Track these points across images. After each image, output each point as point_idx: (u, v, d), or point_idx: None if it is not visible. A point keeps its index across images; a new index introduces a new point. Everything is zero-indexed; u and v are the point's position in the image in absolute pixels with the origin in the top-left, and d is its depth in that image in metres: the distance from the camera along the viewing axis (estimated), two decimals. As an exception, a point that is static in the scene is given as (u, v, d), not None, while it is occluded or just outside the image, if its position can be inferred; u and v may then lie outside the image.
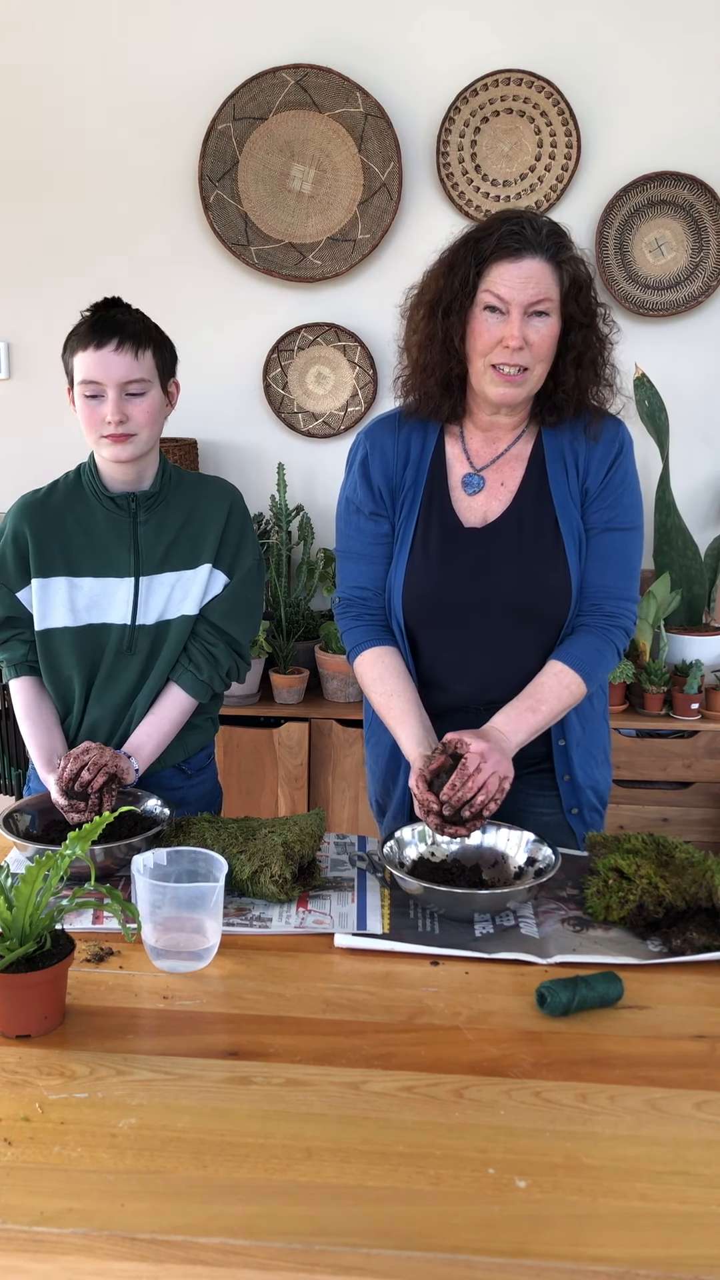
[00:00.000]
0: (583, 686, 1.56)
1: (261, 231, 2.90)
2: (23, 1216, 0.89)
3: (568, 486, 1.58)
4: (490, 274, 1.46)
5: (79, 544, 1.67)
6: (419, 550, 1.61)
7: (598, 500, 1.58)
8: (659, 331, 2.93)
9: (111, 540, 1.67)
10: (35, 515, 1.67)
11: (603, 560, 1.59)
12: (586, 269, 1.50)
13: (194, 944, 1.29)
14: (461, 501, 1.61)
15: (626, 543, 1.60)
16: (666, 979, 1.28)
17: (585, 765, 1.68)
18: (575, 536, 1.58)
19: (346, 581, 1.69)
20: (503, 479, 1.60)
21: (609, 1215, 0.91)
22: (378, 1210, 0.91)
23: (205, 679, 1.71)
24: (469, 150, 2.84)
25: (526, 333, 1.46)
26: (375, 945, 1.34)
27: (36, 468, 3.10)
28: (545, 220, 1.48)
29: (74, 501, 1.68)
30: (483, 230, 1.48)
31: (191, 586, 1.69)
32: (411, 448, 1.62)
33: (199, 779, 1.84)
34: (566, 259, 1.46)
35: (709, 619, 2.96)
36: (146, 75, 2.86)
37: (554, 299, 1.46)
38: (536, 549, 1.57)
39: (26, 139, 2.91)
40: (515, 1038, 1.16)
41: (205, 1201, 0.91)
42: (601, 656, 1.58)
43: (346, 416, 3.01)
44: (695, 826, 2.82)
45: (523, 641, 1.60)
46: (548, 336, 1.47)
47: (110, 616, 1.67)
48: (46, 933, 1.17)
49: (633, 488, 1.61)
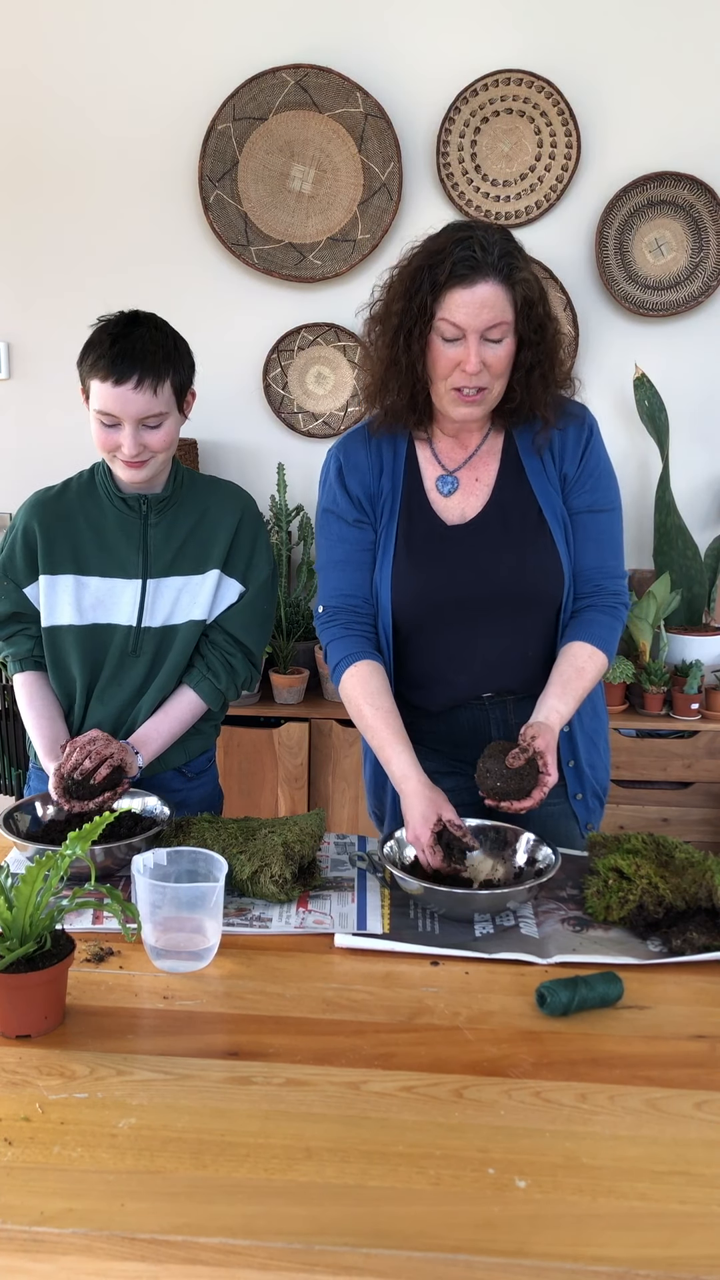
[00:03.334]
0: (605, 663, 1.62)
1: (261, 231, 2.90)
2: (23, 1216, 0.89)
3: (545, 474, 1.61)
4: (445, 301, 1.45)
5: (88, 543, 1.67)
6: (403, 553, 1.61)
7: (577, 484, 1.61)
8: (659, 331, 2.93)
9: (121, 541, 1.67)
10: (46, 512, 1.68)
11: (593, 542, 1.62)
12: (538, 284, 1.49)
13: (194, 944, 1.29)
14: (439, 502, 1.62)
15: (612, 522, 1.65)
16: (666, 979, 1.28)
17: (589, 751, 1.71)
18: (560, 521, 1.60)
19: (332, 590, 1.67)
20: (477, 475, 1.62)
21: (609, 1215, 0.91)
22: (378, 1210, 0.91)
23: (222, 687, 1.72)
24: (469, 150, 2.84)
25: (484, 355, 1.47)
26: (375, 945, 1.34)
27: (36, 467, 3.11)
28: (496, 236, 1.46)
29: (86, 500, 1.69)
30: (436, 255, 1.46)
31: (200, 592, 1.69)
32: (384, 457, 1.64)
33: (199, 782, 1.84)
34: (519, 280, 1.45)
35: (709, 619, 2.96)
36: (147, 75, 2.86)
37: (508, 321, 1.46)
38: (524, 537, 1.59)
39: (27, 139, 2.91)
40: (515, 1038, 1.16)
41: (205, 1201, 0.91)
42: (613, 633, 1.62)
43: (346, 416, 3.01)
44: (695, 826, 2.82)
45: (522, 629, 1.62)
46: (504, 357, 1.49)
47: (116, 617, 1.68)
48: (46, 933, 1.17)
49: (607, 468, 1.65)
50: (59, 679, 1.71)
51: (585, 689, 1.58)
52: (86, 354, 1.57)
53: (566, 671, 1.58)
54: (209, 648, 1.72)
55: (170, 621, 1.69)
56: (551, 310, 1.53)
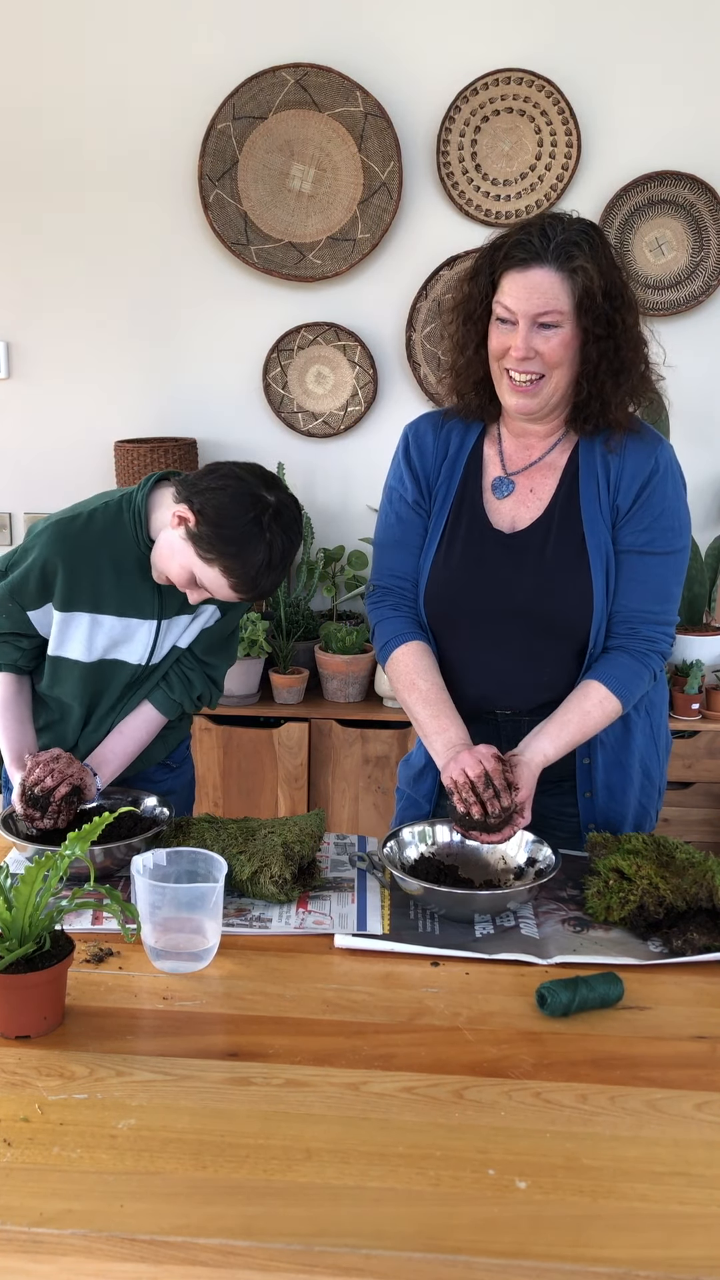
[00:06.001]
0: (619, 709, 1.55)
1: (261, 231, 2.90)
2: (22, 1217, 0.89)
3: (598, 502, 1.55)
4: (502, 284, 1.46)
5: (108, 581, 1.62)
6: (444, 550, 1.61)
7: (631, 521, 1.54)
8: (659, 331, 2.90)
9: (138, 581, 1.63)
10: (72, 549, 1.60)
11: (638, 584, 1.55)
12: (603, 277, 1.45)
13: (194, 945, 1.29)
14: (491, 504, 1.60)
15: (664, 567, 1.57)
16: (667, 979, 1.28)
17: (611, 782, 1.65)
18: (602, 553, 1.54)
19: (385, 570, 1.67)
20: (533, 486, 1.59)
21: (609, 1216, 0.91)
22: (378, 1211, 0.91)
23: (176, 698, 1.71)
24: (469, 149, 2.83)
25: (535, 342, 1.45)
26: (375, 946, 1.33)
27: (36, 467, 3.11)
28: (569, 225, 1.45)
29: (111, 537, 1.61)
30: (503, 238, 1.48)
31: (195, 624, 1.71)
32: (451, 444, 1.63)
33: (181, 770, 1.90)
34: (576, 268, 1.42)
35: (709, 619, 2.96)
36: (146, 74, 2.86)
37: (563, 309, 1.44)
38: (559, 561, 1.55)
39: (26, 138, 2.91)
40: (515, 1038, 1.16)
41: (205, 1202, 0.91)
42: (639, 679, 1.55)
43: (346, 416, 3.01)
44: (695, 826, 2.82)
45: (539, 653, 1.58)
46: (558, 346, 1.45)
47: (126, 655, 1.66)
48: (46, 933, 1.17)
49: (673, 510, 1.56)
50: (53, 700, 1.71)
51: (585, 733, 1.53)
52: (225, 537, 1.47)
53: (571, 713, 1.53)
54: (173, 665, 1.72)
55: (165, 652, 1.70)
56: (630, 304, 1.49)
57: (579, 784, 1.65)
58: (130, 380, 3.02)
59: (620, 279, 1.49)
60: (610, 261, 1.48)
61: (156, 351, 3.02)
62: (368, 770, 2.83)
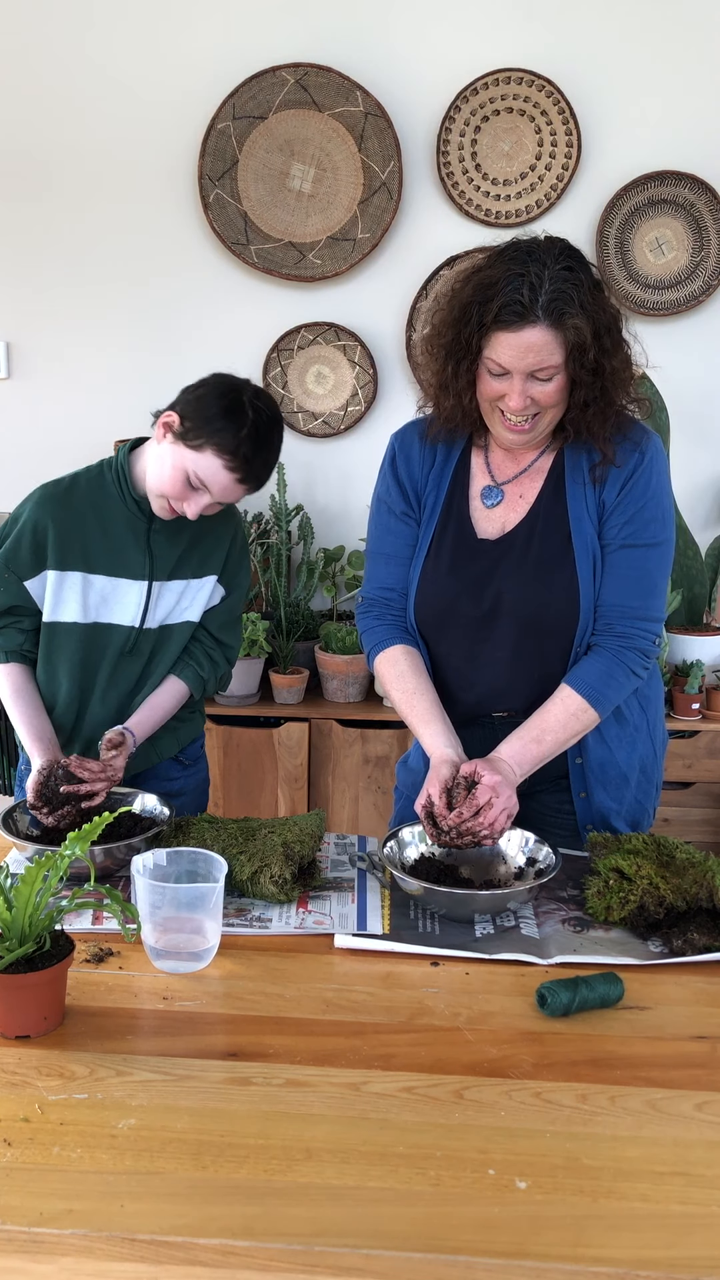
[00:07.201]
0: (590, 712, 1.53)
1: (261, 230, 2.90)
2: (22, 1217, 0.89)
3: (584, 499, 1.54)
4: (491, 341, 1.43)
5: (96, 541, 1.67)
6: (432, 559, 1.61)
7: (616, 513, 1.53)
8: (659, 331, 2.93)
9: (128, 541, 1.68)
10: (59, 507, 1.67)
11: (619, 578, 1.54)
12: (593, 322, 1.41)
13: (194, 945, 1.29)
14: (479, 512, 1.60)
15: (647, 559, 1.54)
16: (667, 979, 1.28)
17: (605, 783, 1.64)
18: (589, 550, 1.53)
19: (374, 582, 1.68)
20: (521, 491, 1.59)
21: (609, 1216, 0.90)
22: (378, 1211, 0.91)
23: (205, 676, 1.78)
24: (469, 149, 2.83)
25: (530, 391, 1.44)
26: (375, 946, 1.33)
27: (36, 467, 3.10)
28: (554, 270, 1.38)
29: (96, 498, 1.68)
30: (487, 290, 1.41)
31: (199, 595, 1.74)
32: (438, 454, 1.63)
33: (195, 768, 1.91)
34: (569, 325, 1.39)
35: (709, 619, 2.96)
36: (146, 74, 2.86)
37: (556, 363, 1.41)
38: (543, 561, 1.55)
39: (26, 138, 2.91)
40: (515, 1038, 1.16)
41: (205, 1202, 0.91)
42: (612, 679, 1.53)
43: (346, 416, 3.01)
44: (695, 826, 2.81)
45: (530, 655, 1.58)
46: (552, 391, 1.44)
47: (119, 617, 1.69)
48: (46, 933, 1.17)
49: (656, 500, 1.53)
50: (47, 675, 1.72)
51: (558, 746, 1.52)
52: (211, 421, 1.56)
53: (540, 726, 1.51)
54: (194, 643, 1.78)
55: (167, 622, 1.73)
56: (618, 343, 1.45)
57: (573, 784, 1.65)
58: (130, 380, 3.02)
59: (607, 314, 1.44)
60: (596, 302, 1.42)
61: (156, 351, 3.02)
62: (368, 770, 2.83)
